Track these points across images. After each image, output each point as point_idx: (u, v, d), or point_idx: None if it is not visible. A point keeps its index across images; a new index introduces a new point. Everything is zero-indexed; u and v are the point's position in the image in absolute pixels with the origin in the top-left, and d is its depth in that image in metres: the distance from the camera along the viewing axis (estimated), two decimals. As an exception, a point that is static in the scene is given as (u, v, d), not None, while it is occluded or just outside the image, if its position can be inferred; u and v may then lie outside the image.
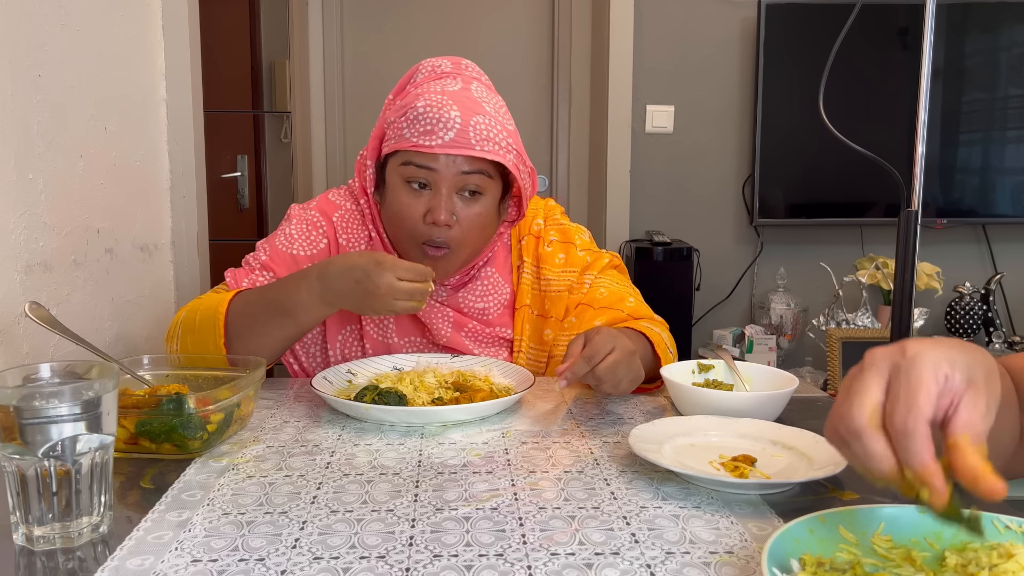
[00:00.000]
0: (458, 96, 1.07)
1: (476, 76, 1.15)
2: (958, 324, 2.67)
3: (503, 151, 1.08)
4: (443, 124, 1.05)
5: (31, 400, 0.61)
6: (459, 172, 1.07)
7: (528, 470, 0.79)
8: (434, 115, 1.05)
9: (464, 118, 1.05)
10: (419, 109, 1.06)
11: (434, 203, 1.08)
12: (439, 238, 1.10)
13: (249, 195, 3.59)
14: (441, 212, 1.07)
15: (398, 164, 1.10)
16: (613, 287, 1.22)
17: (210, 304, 1.09)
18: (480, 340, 1.22)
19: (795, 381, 0.99)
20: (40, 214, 1.32)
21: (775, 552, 0.54)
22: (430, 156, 1.06)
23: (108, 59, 1.58)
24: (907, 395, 0.49)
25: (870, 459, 0.50)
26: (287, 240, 1.21)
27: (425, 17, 3.06)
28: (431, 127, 1.05)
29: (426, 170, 1.07)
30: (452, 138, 1.05)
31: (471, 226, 1.11)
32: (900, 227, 1.48)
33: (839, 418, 0.51)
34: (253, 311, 1.07)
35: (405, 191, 1.10)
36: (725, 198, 2.82)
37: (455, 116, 1.05)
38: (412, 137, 1.06)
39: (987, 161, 2.70)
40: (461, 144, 1.05)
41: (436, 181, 1.08)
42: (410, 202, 1.09)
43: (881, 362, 0.51)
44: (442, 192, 1.08)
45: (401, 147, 1.08)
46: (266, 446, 0.86)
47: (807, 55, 2.58)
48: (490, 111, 1.08)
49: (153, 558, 0.60)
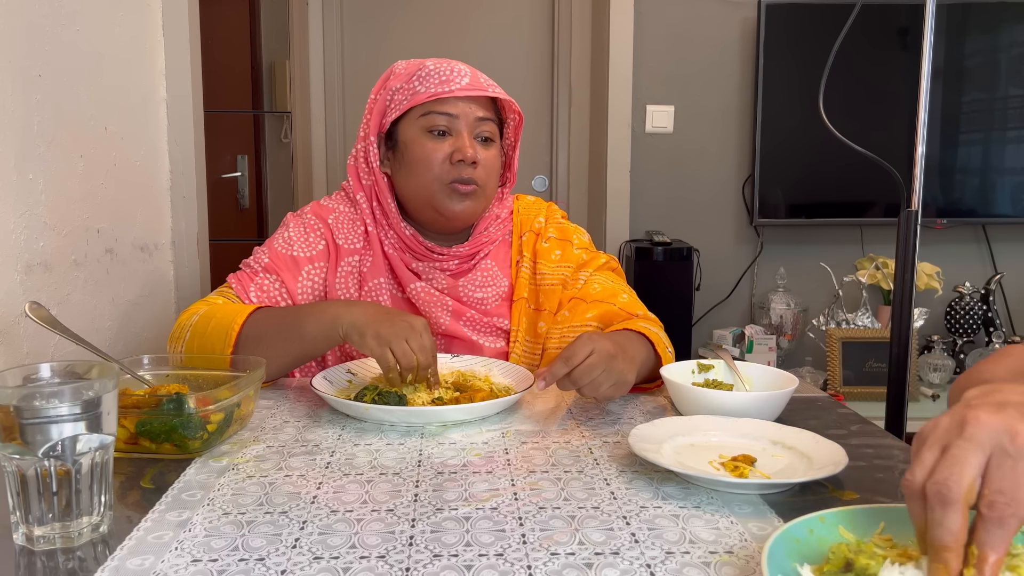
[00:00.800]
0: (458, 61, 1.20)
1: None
2: (958, 324, 2.67)
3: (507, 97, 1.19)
4: (456, 73, 1.16)
5: (31, 400, 0.61)
6: (475, 117, 1.17)
7: (528, 470, 0.79)
8: (445, 67, 1.16)
9: (472, 71, 1.18)
10: (429, 67, 1.16)
11: (459, 143, 1.16)
12: (467, 175, 1.16)
13: (249, 195, 3.59)
14: (468, 149, 1.15)
15: (417, 117, 1.17)
16: (607, 284, 1.24)
17: (227, 314, 1.07)
18: (478, 328, 1.23)
19: (795, 381, 0.99)
20: (40, 214, 1.32)
21: (775, 552, 0.54)
22: (450, 102, 1.15)
23: (108, 59, 1.58)
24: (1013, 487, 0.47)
25: (943, 531, 0.48)
26: (286, 243, 1.21)
27: (425, 17, 3.06)
28: (446, 77, 1.15)
29: (447, 117, 1.16)
30: (467, 83, 1.15)
31: (490, 167, 1.20)
32: (900, 227, 1.48)
33: (933, 479, 0.49)
34: (266, 330, 1.06)
35: (429, 139, 1.17)
36: (725, 198, 2.82)
37: (464, 70, 1.17)
38: (429, 89, 1.15)
39: (987, 161, 2.70)
40: (476, 87, 1.16)
41: (457, 126, 1.16)
42: (435, 146, 1.16)
43: (985, 436, 0.49)
44: (464, 133, 1.16)
45: (417, 101, 1.16)
46: (266, 446, 0.86)
47: (807, 55, 2.58)
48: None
49: (153, 558, 0.60)
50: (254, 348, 1.05)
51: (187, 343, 1.08)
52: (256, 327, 1.06)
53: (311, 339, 1.03)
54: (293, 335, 1.04)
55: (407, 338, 0.96)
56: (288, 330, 1.05)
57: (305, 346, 1.05)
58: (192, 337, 1.08)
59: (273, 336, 1.05)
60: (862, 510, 0.61)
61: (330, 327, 1.01)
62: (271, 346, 1.05)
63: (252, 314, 1.07)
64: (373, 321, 0.98)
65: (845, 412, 1.02)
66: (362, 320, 0.99)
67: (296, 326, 1.04)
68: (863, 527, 0.60)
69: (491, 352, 1.23)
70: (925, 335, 2.68)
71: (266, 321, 1.07)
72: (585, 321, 1.20)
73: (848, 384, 2.48)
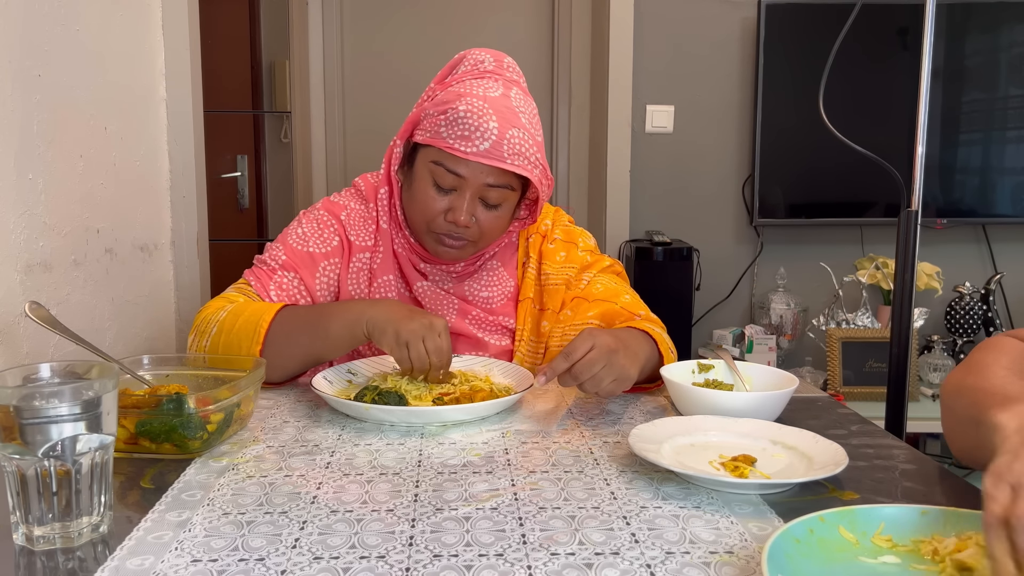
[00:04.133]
0: (497, 104, 1.09)
1: (516, 79, 1.16)
2: (958, 324, 2.67)
3: (531, 166, 1.10)
4: (480, 133, 1.06)
5: (31, 400, 0.61)
6: (484, 183, 1.10)
7: (528, 470, 0.79)
8: (473, 122, 1.06)
9: (501, 130, 1.06)
10: (460, 112, 1.07)
11: (456, 204, 1.11)
12: (456, 234, 1.14)
13: (249, 195, 3.59)
14: (462, 214, 1.11)
15: (429, 160, 1.12)
16: (610, 285, 1.25)
17: (255, 311, 1.08)
18: (484, 327, 1.24)
19: (795, 381, 0.99)
20: (40, 214, 1.32)
21: (775, 552, 0.54)
22: (462, 162, 1.09)
23: (108, 59, 1.58)
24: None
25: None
26: (301, 239, 1.22)
27: (425, 17, 3.06)
28: (468, 133, 1.06)
29: (454, 175, 1.10)
30: (487, 149, 1.07)
31: (488, 228, 1.15)
32: (900, 227, 1.48)
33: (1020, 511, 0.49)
34: (293, 328, 1.07)
35: (431, 187, 1.12)
36: (725, 198, 2.82)
37: (493, 127, 1.06)
38: (448, 139, 1.08)
39: (987, 161, 2.70)
40: (494, 156, 1.07)
41: (462, 186, 1.11)
42: (434, 197, 1.12)
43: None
44: (466, 196, 1.11)
45: (435, 144, 1.10)
46: (266, 446, 0.86)
47: (807, 55, 2.57)
48: (525, 123, 1.10)
49: (153, 558, 0.60)
50: (282, 344, 1.06)
51: (212, 338, 1.09)
52: (283, 325, 1.07)
53: (335, 337, 1.05)
54: (319, 333, 1.06)
55: (424, 338, 0.98)
56: (314, 328, 1.06)
57: (329, 344, 1.06)
58: (219, 333, 1.09)
59: (299, 334, 1.07)
60: (862, 510, 0.61)
61: (354, 325, 1.03)
62: (297, 343, 1.07)
63: (279, 312, 1.08)
64: (394, 319, 1.00)
65: (845, 412, 1.02)
66: (384, 318, 1.01)
67: (322, 324, 1.06)
68: (863, 527, 0.60)
69: (496, 350, 1.23)
70: (925, 335, 2.68)
71: (292, 319, 1.08)
72: (587, 319, 1.20)
73: (848, 384, 2.48)
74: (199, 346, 1.11)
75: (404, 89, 3.07)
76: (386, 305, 1.04)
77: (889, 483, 0.77)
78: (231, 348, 1.07)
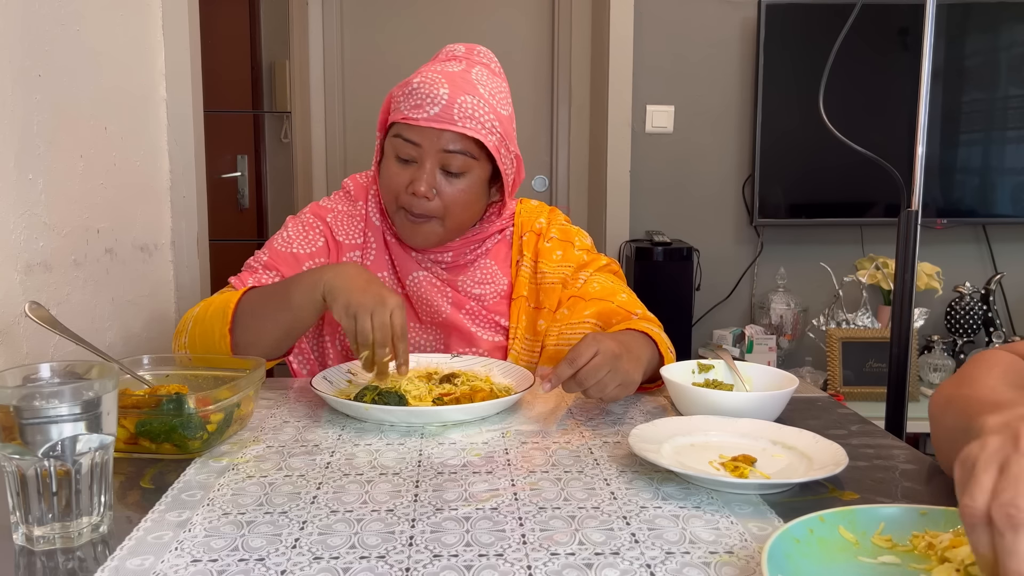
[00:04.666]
0: (454, 77, 1.11)
1: (484, 62, 1.18)
2: (958, 324, 2.67)
3: (485, 132, 1.11)
4: (430, 99, 1.09)
5: (31, 400, 0.61)
6: (442, 149, 1.11)
7: (528, 470, 0.79)
8: (425, 91, 1.10)
9: (452, 95, 1.09)
10: (413, 84, 1.11)
11: (416, 175, 1.13)
12: (418, 209, 1.14)
13: (249, 195, 3.59)
14: (421, 184, 1.12)
15: (391, 136, 1.15)
16: (607, 284, 1.25)
17: (224, 298, 1.11)
18: (478, 320, 1.24)
19: (795, 381, 0.99)
20: (40, 214, 1.32)
21: (775, 552, 0.54)
22: (416, 130, 1.11)
23: (108, 59, 1.58)
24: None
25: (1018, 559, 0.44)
26: (285, 242, 1.23)
27: (425, 17, 3.06)
28: (420, 101, 1.10)
29: (411, 145, 1.12)
30: (436, 113, 1.09)
31: (452, 201, 1.15)
32: (900, 227, 1.48)
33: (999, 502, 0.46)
34: (259, 303, 1.09)
35: (395, 162, 1.15)
36: (725, 198, 2.82)
37: (443, 93, 1.09)
38: (404, 109, 1.11)
39: (987, 161, 2.70)
40: (444, 119, 1.09)
41: (420, 156, 1.12)
42: (397, 171, 1.14)
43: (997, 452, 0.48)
44: (425, 166, 1.12)
45: (394, 119, 1.14)
46: (266, 446, 0.86)
47: (807, 55, 2.58)
48: (483, 93, 1.12)
49: (153, 558, 0.60)
50: (249, 321, 1.08)
51: (189, 333, 1.11)
52: (250, 303, 1.09)
53: (298, 305, 1.05)
54: (283, 303, 1.06)
55: (373, 312, 0.96)
56: (278, 299, 1.07)
57: (293, 312, 1.06)
58: (194, 325, 1.11)
59: (265, 308, 1.08)
60: (862, 510, 0.61)
61: (313, 289, 1.03)
62: (264, 317, 1.07)
63: (247, 292, 1.11)
64: (347, 288, 0.99)
65: (845, 412, 1.02)
66: (339, 285, 1.00)
67: (285, 294, 1.06)
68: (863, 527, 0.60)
69: (488, 345, 1.23)
70: (925, 335, 2.68)
71: (259, 296, 1.10)
72: (583, 319, 1.20)
73: (848, 384, 2.48)
74: (179, 345, 1.13)
75: (404, 89, 3.07)
76: (346, 272, 1.03)
77: (889, 483, 0.77)
78: (205, 336, 1.08)
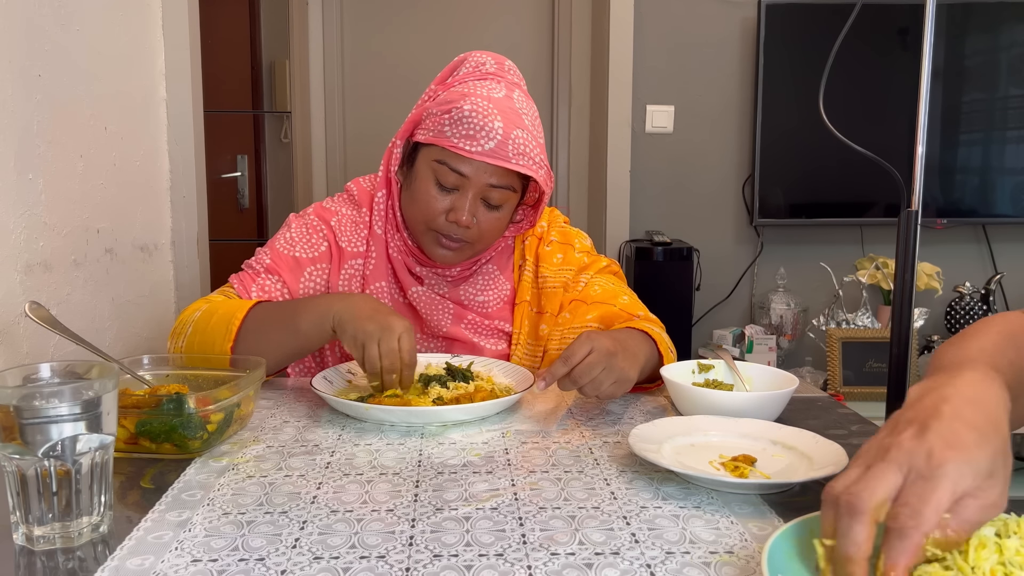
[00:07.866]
0: (501, 105, 1.09)
1: (517, 82, 1.17)
2: (958, 324, 2.67)
3: (536, 167, 1.10)
4: (485, 132, 1.06)
5: (31, 400, 0.61)
6: (487, 183, 1.10)
7: (528, 470, 0.79)
8: (478, 122, 1.06)
9: (506, 130, 1.07)
10: (464, 111, 1.07)
11: (459, 204, 1.11)
12: (456, 235, 1.13)
13: (249, 195, 3.59)
14: (464, 214, 1.10)
15: (431, 159, 1.11)
16: (608, 286, 1.24)
17: (229, 309, 1.08)
18: (480, 331, 1.24)
19: (795, 381, 0.99)
20: (40, 214, 1.32)
21: (775, 552, 0.54)
22: (466, 161, 1.08)
23: (108, 59, 1.58)
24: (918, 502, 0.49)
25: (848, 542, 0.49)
26: (288, 244, 1.21)
27: (425, 17, 3.06)
28: (473, 132, 1.07)
29: (457, 175, 1.09)
30: (492, 148, 1.07)
31: (488, 229, 1.15)
32: (900, 227, 1.48)
33: (848, 490, 0.51)
34: (265, 323, 1.07)
35: (433, 186, 1.12)
36: (725, 198, 2.82)
37: (498, 127, 1.07)
38: (453, 138, 1.08)
39: (987, 161, 2.70)
40: (499, 156, 1.07)
41: (464, 185, 1.10)
42: (436, 196, 1.12)
43: (904, 459, 0.51)
44: (468, 196, 1.11)
45: (439, 143, 1.10)
46: (266, 446, 0.86)
47: (807, 55, 2.58)
48: (528, 124, 1.11)
49: (153, 558, 0.60)
50: (253, 341, 1.06)
51: (188, 338, 1.09)
52: (255, 321, 1.07)
53: (304, 334, 1.04)
54: (290, 328, 1.05)
55: (380, 340, 0.96)
56: (285, 323, 1.06)
57: (300, 340, 1.05)
58: (194, 333, 1.09)
59: (271, 330, 1.06)
60: (862, 510, 0.60)
61: (322, 319, 1.02)
62: (269, 339, 1.06)
63: (252, 309, 1.08)
64: (355, 318, 0.99)
65: (845, 412, 1.02)
66: (347, 315, 1.00)
67: (292, 319, 1.05)
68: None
69: (492, 354, 1.23)
70: (925, 335, 2.68)
71: (264, 315, 1.08)
72: (585, 322, 1.20)
73: (848, 384, 2.48)
74: (175, 347, 1.10)
75: (404, 89, 3.07)
76: (353, 301, 1.03)
77: (889, 483, 0.77)
78: (205, 347, 1.06)
